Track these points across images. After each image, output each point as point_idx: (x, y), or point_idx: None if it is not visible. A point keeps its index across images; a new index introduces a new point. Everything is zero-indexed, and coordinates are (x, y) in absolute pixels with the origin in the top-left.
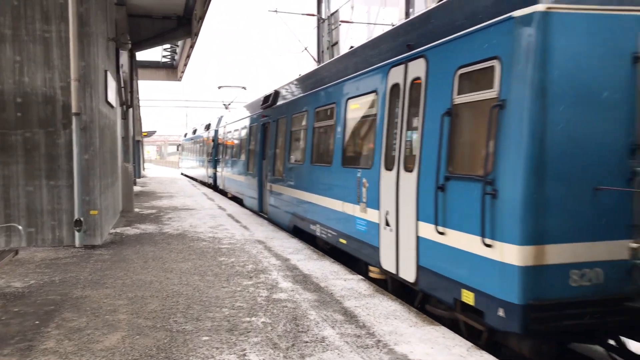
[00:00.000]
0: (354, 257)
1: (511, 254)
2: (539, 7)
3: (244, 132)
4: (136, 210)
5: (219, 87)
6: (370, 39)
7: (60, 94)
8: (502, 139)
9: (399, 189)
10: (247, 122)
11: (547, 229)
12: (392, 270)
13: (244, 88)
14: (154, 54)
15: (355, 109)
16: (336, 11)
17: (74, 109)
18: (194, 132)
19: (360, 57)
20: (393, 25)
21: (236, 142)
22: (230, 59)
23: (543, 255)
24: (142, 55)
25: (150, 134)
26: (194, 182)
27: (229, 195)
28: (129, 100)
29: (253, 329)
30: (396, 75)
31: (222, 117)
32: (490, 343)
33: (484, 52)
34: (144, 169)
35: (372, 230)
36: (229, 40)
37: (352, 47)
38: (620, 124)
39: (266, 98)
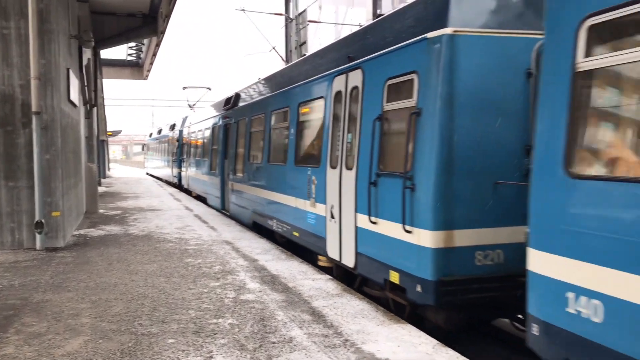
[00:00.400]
0: (306, 248)
1: (425, 238)
2: (447, 31)
3: (207, 133)
4: (101, 211)
5: (184, 88)
6: (319, 49)
7: (20, 92)
8: (418, 141)
9: (342, 185)
10: (210, 123)
11: (455, 217)
12: (337, 257)
13: (208, 89)
14: (119, 52)
15: (306, 113)
16: (304, 11)
17: (34, 108)
18: (159, 132)
19: (310, 65)
20: (360, 26)
21: (200, 142)
22: (197, 58)
23: (452, 239)
24: (106, 53)
25: (115, 133)
26: (161, 183)
27: (194, 195)
28: (92, 99)
29: (220, 331)
30: (339, 83)
31: (186, 117)
32: (414, 317)
33: (406, 66)
34: (109, 169)
35: (320, 222)
36: (196, 39)
37: (304, 54)
38: (516, 129)
39: (228, 100)
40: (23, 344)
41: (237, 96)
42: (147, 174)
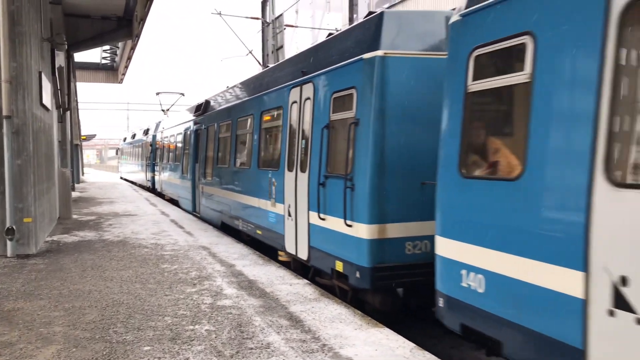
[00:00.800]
0: (268, 245)
1: (362, 230)
2: (379, 53)
3: (179, 138)
4: (74, 217)
5: (157, 93)
6: (278, 63)
7: None
8: (356, 147)
9: (297, 186)
10: (182, 128)
11: (387, 212)
12: (293, 252)
13: (182, 94)
14: (94, 55)
15: (267, 120)
16: (281, 15)
17: (4, 112)
18: (133, 136)
19: (271, 76)
20: (337, 31)
21: (172, 147)
22: (173, 62)
23: (384, 231)
24: (80, 57)
25: (89, 137)
26: (136, 187)
27: (166, 198)
28: (66, 103)
29: (196, 337)
30: (295, 94)
31: (160, 122)
32: (357, 301)
33: (347, 82)
34: (83, 174)
35: (279, 221)
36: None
37: (267, 66)
38: (438, 136)
39: (198, 107)
40: None
41: (207, 103)
42: (121, 178)
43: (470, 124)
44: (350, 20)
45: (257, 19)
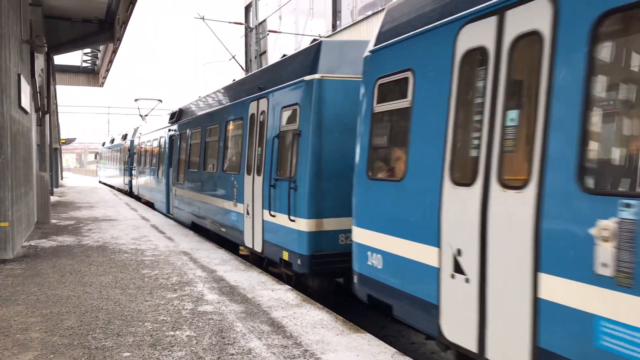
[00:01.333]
0: (231, 241)
1: (303, 224)
2: (316, 76)
3: (155, 143)
4: (53, 221)
5: (136, 100)
6: (241, 78)
7: None
8: (299, 154)
9: (254, 188)
10: (157, 135)
11: (323, 209)
12: (251, 246)
13: (160, 101)
14: (74, 58)
15: (231, 129)
16: (264, 21)
17: None
18: (112, 141)
19: (235, 90)
20: (320, 37)
21: (149, 152)
22: (156, 65)
23: (321, 225)
24: (61, 59)
25: (69, 141)
26: (116, 192)
27: (143, 201)
28: (45, 106)
29: (177, 343)
30: (253, 107)
31: (137, 128)
32: (300, 285)
33: (293, 99)
34: (62, 178)
35: (240, 219)
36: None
37: (234, 79)
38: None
39: (172, 115)
40: None
41: (180, 111)
42: (100, 182)
43: (374, 138)
44: (334, 26)
45: (241, 24)
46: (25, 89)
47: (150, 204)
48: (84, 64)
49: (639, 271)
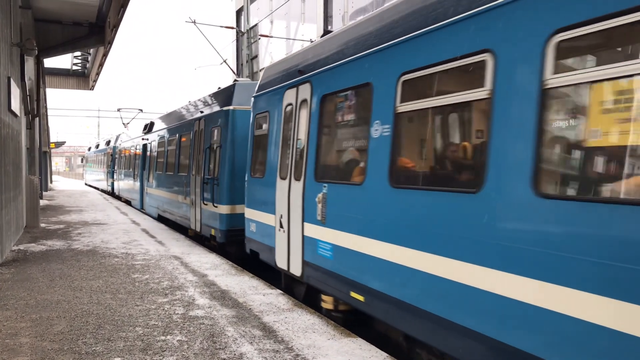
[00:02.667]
0: (183, 226)
1: (222, 209)
2: (231, 107)
3: (132, 150)
4: (42, 225)
5: (118, 109)
6: (189, 102)
7: None
8: (220, 161)
9: (196, 185)
10: (134, 142)
11: (235, 198)
12: (194, 228)
13: (140, 110)
14: (64, 61)
15: (183, 141)
16: (255, 25)
17: None
18: (97, 146)
19: (187, 111)
20: (311, 41)
21: (127, 157)
22: (147, 69)
23: (234, 209)
24: (50, 62)
25: (58, 145)
26: (106, 196)
27: (123, 200)
28: (35, 109)
29: (168, 348)
30: (196, 125)
31: (119, 135)
32: (224, 253)
33: (217, 122)
34: (51, 181)
35: (188, 209)
36: (146, 50)
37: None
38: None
39: (145, 126)
40: None
41: (152, 124)
42: (86, 184)
43: (254, 152)
44: (325, 31)
45: (232, 28)
46: (15, 92)
47: (128, 202)
48: (75, 67)
49: (327, 217)
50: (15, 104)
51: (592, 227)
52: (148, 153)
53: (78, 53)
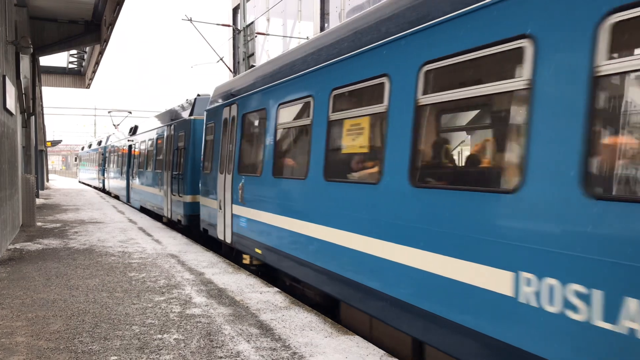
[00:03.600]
0: (158, 215)
1: (185, 198)
2: (192, 117)
3: (120, 150)
4: (39, 224)
5: (109, 112)
6: (162, 112)
7: None
8: (184, 159)
9: (167, 179)
10: (122, 143)
11: (195, 190)
12: (166, 215)
13: (129, 112)
14: (60, 59)
15: (158, 143)
16: (252, 23)
17: None
18: (89, 146)
19: (162, 117)
20: (307, 38)
21: (116, 156)
22: (143, 67)
23: (195, 198)
24: (46, 61)
25: (55, 143)
26: (103, 195)
27: (113, 195)
28: (30, 108)
29: (165, 346)
30: (167, 131)
31: (109, 135)
32: (185, 232)
33: (183, 129)
34: (47, 180)
35: (162, 199)
36: (142, 48)
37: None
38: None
39: (131, 129)
40: None
41: (136, 127)
42: (80, 181)
43: (205, 152)
44: (322, 28)
45: (228, 26)
46: (10, 91)
47: (117, 197)
48: (70, 66)
49: (244, 199)
50: (11, 103)
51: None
52: (132, 153)
53: (74, 51)
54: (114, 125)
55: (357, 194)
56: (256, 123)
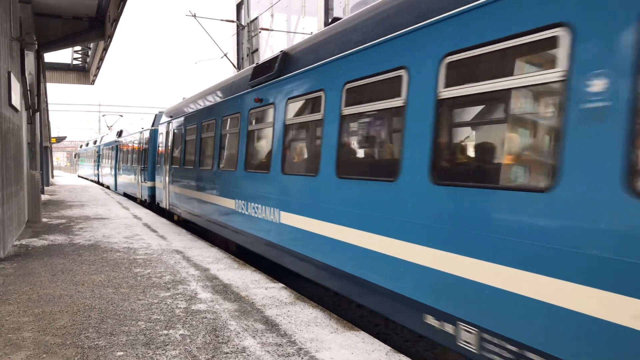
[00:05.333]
0: (136, 198)
1: (150, 184)
2: (153, 127)
3: (110, 149)
4: (44, 220)
5: (103, 115)
6: (134, 132)
7: None
8: (149, 157)
9: (140, 171)
10: (113, 144)
11: (154, 178)
12: (139, 197)
13: (121, 116)
14: (65, 55)
15: (137, 143)
16: (256, 18)
17: None
18: (87, 144)
19: (140, 127)
20: (311, 34)
21: (107, 154)
22: (147, 63)
23: (154, 184)
24: (51, 57)
25: (59, 139)
26: (108, 191)
27: (105, 186)
28: (35, 104)
29: (171, 342)
30: (144, 135)
31: (103, 136)
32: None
33: (148, 135)
34: (52, 176)
35: (137, 187)
36: (146, 44)
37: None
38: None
39: (118, 132)
40: None
41: (121, 131)
42: (78, 176)
43: (157, 152)
44: (326, 24)
45: (232, 21)
46: (16, 87)
47: (108, 187)
48: (75, 62)
49: (172, 181)
50: (16, 99)
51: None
52: (118, 152)
53: (78, 47)
54: (107, 127)
55: (224, 175)
56: (178, 134)
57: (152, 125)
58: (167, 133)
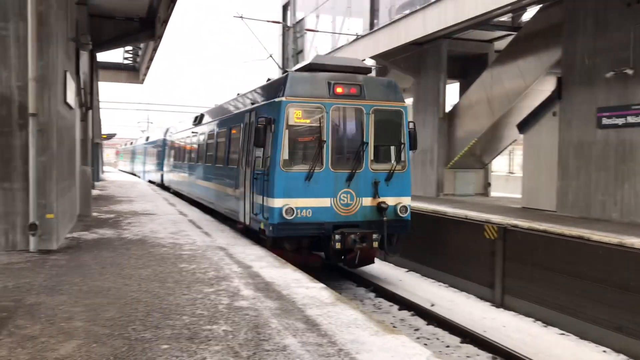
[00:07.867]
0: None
1: (161, 173)
2: (164, 138)
3: (143, 149)
4: (94, 214)
5: (138, 122)
6: (138, 138)
7: (17, 94)
8: (160, 158)
9: (155, 166)
10: (143, 145)
11: (162, 171)
12: (160, 182)
13: (151, 122)
14: (116, 55)
15: (156, 147)
16: (302, 19)
17: (31, 110)
18: (125, 144)
19: (148, 135)
20: (357, 35)
21: (140, 152)
22: (195, 63)
23: (162, 175)
24: (103, 57)
25: (110, 136)
26: (154, 187)
27: (136, 175)
28: (88, 102)
29: (214, 337)
30: (155, 143)
31: (137, 139)
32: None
33: (162, 142)
34: (103, 172)
35: (156, 176)
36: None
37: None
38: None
39: (147, 138)
40: (16, 346)
41: (147, 137)
42: (119, 170)
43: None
44: (371, 25)
45: (278, 22)
46: (71, 86)
47: (137, 176)
48: (125, 61)
49: (171, 170)
50: (71, 97)
51: None
52: (145, 152)
53: (129, 47)
54: (141, 131)
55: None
56: (172, 145)
57: (164, 135)
58: (165, 143)
